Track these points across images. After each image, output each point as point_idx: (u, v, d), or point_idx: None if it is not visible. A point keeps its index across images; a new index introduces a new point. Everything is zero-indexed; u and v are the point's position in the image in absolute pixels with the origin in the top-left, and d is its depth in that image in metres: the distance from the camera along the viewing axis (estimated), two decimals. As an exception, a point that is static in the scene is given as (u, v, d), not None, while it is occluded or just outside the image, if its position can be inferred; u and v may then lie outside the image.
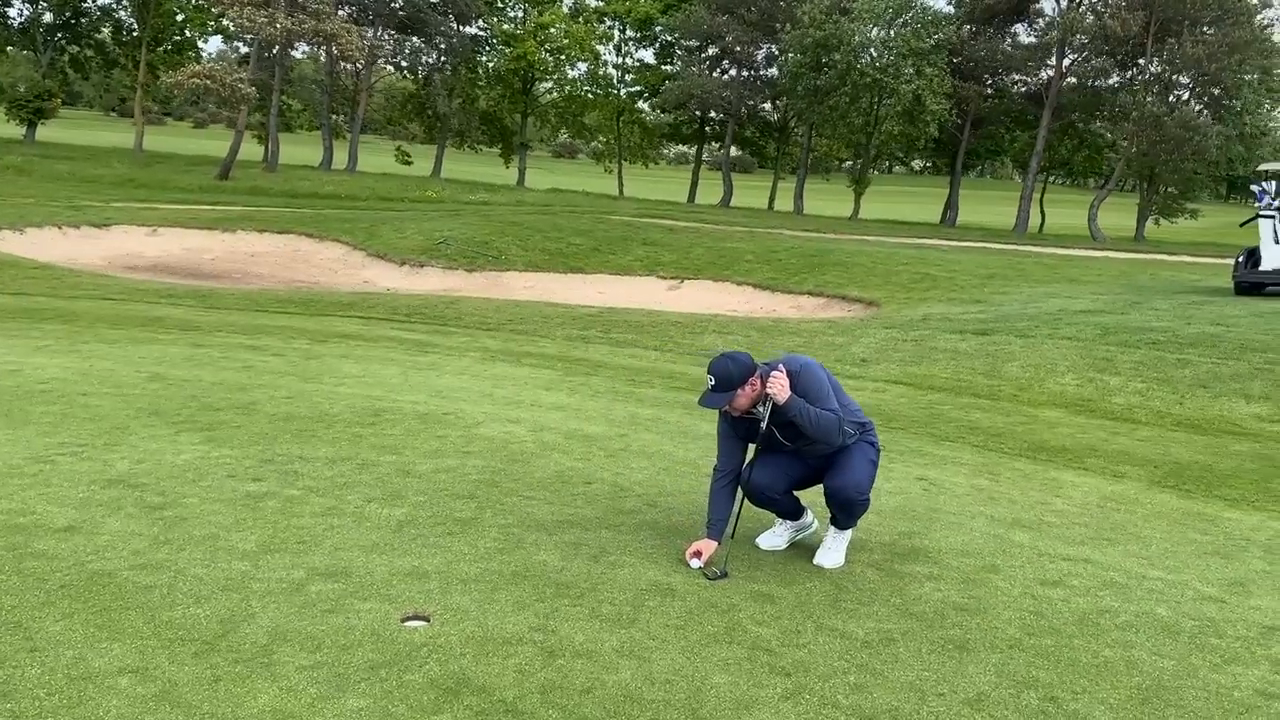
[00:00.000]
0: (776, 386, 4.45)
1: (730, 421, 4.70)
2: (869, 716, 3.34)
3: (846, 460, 4.66)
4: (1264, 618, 4.41)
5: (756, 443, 4.72)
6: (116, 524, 4.67)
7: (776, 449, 4.70)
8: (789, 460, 4.75)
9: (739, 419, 4.68)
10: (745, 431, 4.71)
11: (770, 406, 4.54)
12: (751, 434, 4.71)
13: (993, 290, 18.90)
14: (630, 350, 11.16)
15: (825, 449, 4.67)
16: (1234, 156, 36.80)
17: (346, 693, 3.28)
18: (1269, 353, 10.79)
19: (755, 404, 4.57)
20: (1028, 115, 48.55)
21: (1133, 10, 36.11)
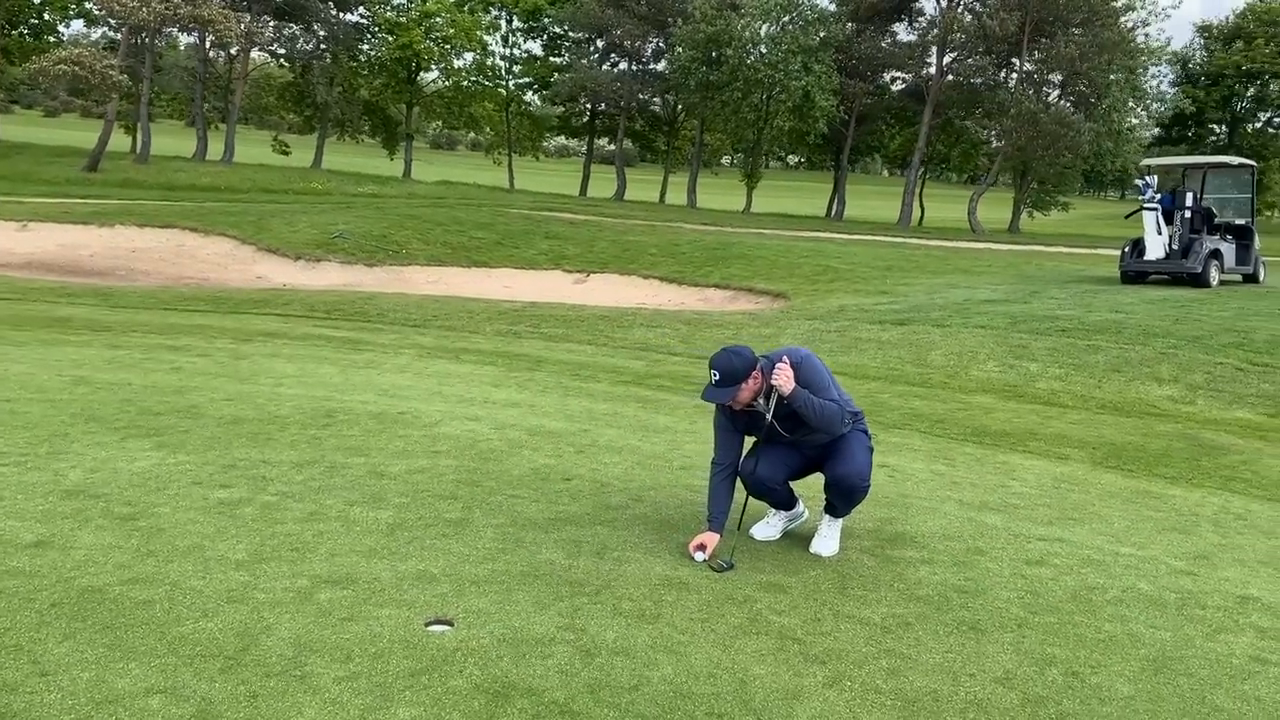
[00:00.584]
0: (783, 378, 4.49)
1: (729, 415, 4.73)
2: (911, 699, 3.42)
3: (846, 449, 4.74)
4: (1235, 588, 4.69)
5: (757, 435, 4.76)
6: (90, 537, 4.40)
7: (775, 440, 4.75)
8: (787, 451, 4.81)
9: (738, 412, 4.70)
10: (745, 424, 4.75)
11: (775, 399, 4.58)
12: (751, 427, 4.74)
13: (894, 281, 19.48)
14: (565, 345, 11.09)
15: (823, 439, 4.74)
16: (1103, 152, 38.79)
17: (394, 702, 3.18)
18: (1169, 338, 11.45)
19: (757, 397, 4.61)
20: (908, 112, 50.20)
21: (1010, 11, 37.66)
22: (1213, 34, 52.03)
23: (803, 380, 4.54)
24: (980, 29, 38.12)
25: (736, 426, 4.75)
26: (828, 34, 41.58)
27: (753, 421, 4.72)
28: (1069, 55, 36.37)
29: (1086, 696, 3.50)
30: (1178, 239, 17.59)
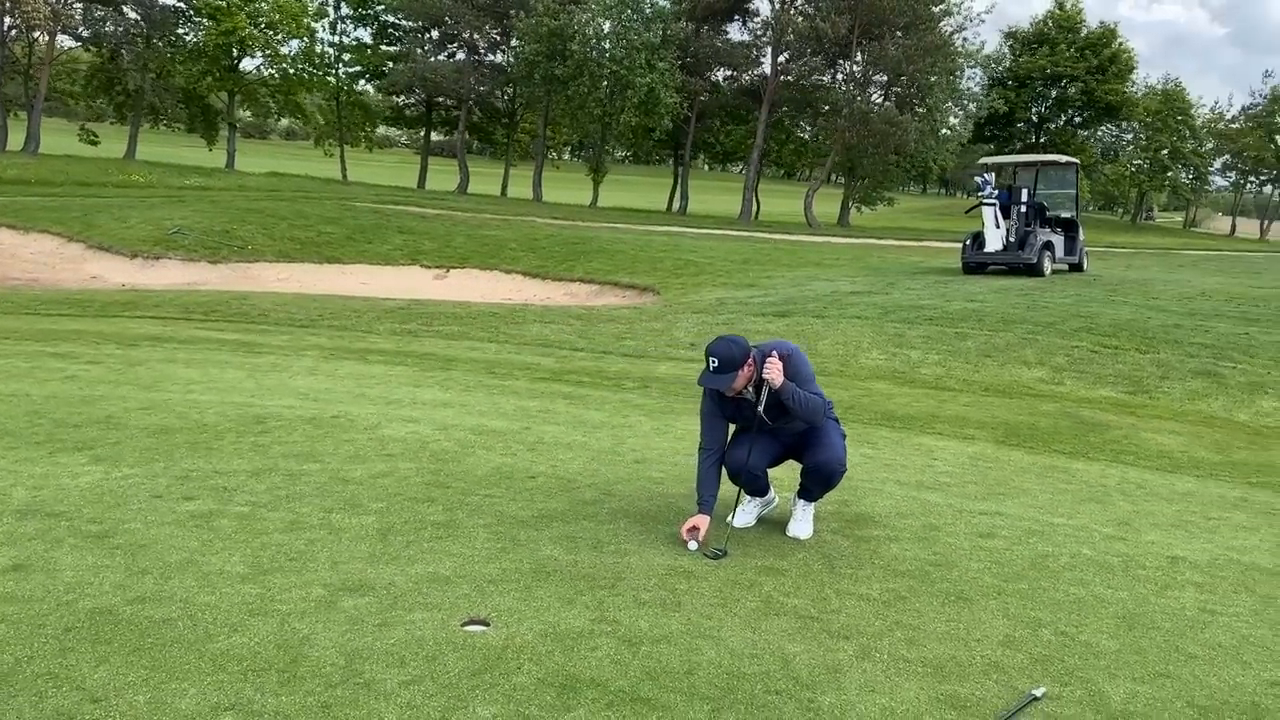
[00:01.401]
0: (774, 372, 4.71)
1: (717, 402, 4.89)
2: (937, 666, 3.70)
3: (825, 438, 5.00)
4: (1162, 550, 5.23)
5: (741, 423, 4.96)
6: (70, 558, 4.18)
7: (760, 428, 4.96)
8: (769, 440, 5.03)
9: (726, 400, 4.89)
10: (732, 412, 4.93)
11: (766, 390, 4.80)
12: (738, 414, 4.93)
13: (755, 274, 20.13)
14: (466, 343, 10.99)
15: (802, 427, 4.99)
16: (925, 150, 41.13)
17: (468, 702, 3.21)
18: (1026, 324, 12.39)
19: (747, 385, 4.81)
20: (743, 110, 51.69)
21: (840, 14, 39.37)
22: (1018, 39, 55.99)
23: (790, 373, 4.77)
24: (813, 30, 39.67)
25: (724, 413, 4.92)
26: (668, 32, 42.28)
27: (739, 410, 4.92)
28: (895, 58, 38.39)
29: (1082, 653, 3.87)
30: (1014, 232, 18.96)
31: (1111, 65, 54.46)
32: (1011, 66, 53.92)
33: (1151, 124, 61.91)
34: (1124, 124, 60.74)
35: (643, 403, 8.20)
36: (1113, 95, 55.05)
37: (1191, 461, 7.45)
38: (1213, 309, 14.96)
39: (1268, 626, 4.26)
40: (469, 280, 24.20)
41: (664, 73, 41.23)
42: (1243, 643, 4.06)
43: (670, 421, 7.56)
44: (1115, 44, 54.94)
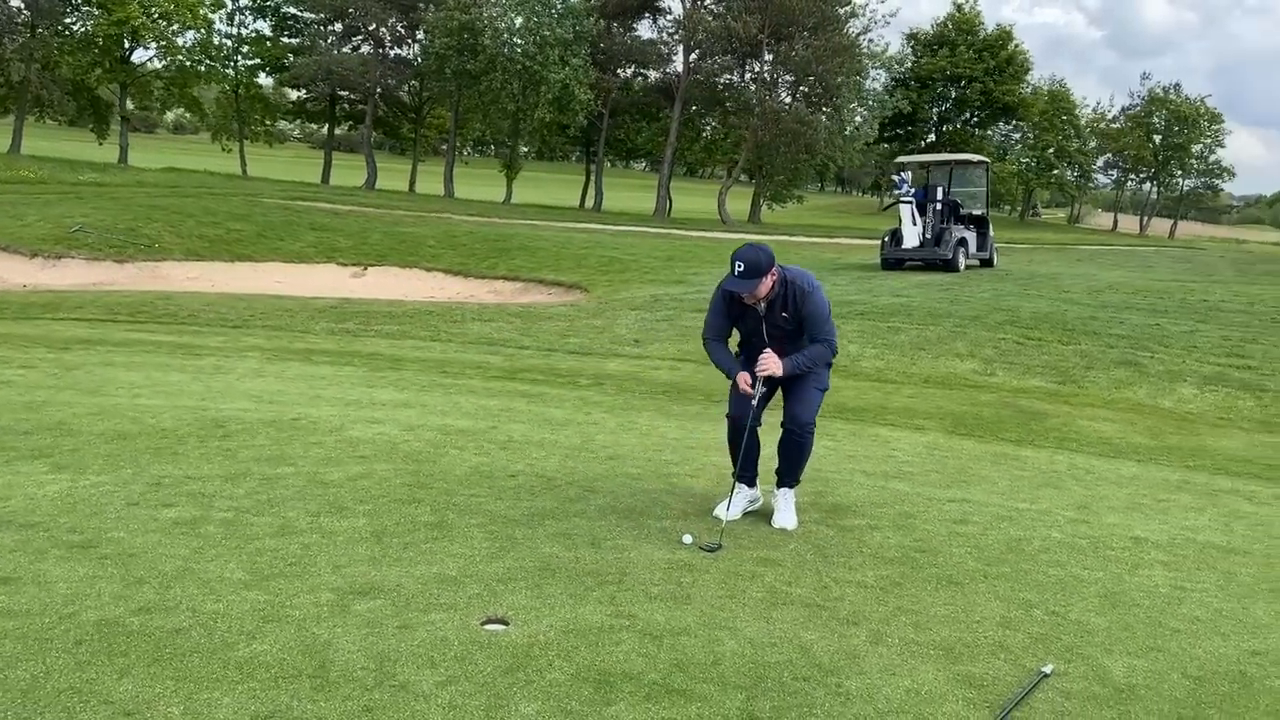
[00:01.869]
0: (771, 366, 4.82)
1: (727, 302, 4.99)
2: (949, 648, 3.83)
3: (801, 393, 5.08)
4: (1125, 531, 5.51)
5: (746, 329, 5.07)
6: (60, 569, 4.03)
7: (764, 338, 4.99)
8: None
9: (735, 303, 4.95)
10: (739, 314, 5.02)
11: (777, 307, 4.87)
12: (743, 318, 5.01)
13: (682, 271, 20.30)
14: (409, 342, 10.83)
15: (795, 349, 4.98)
16: (834, 149, 42.00)
17: (510, 699, 3.21)
18: (952, 318, 12.80)
19: (766, 297, 4.85)
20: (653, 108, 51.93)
21: (751, 13, 39.89)
22: (919, 41, 57.61)
23: (809, 309, 4.88)
24: (725, 29, 40.11)
25: (730, 314, 5.03)
26: (581, 28, 42.22)
27: (745, 315, 4.99)
28: (805, 58, 39.09)
29: (1076, 631, 4.06)
30: (930, 229, 19.55)
31: (1008, 66, 56.50)
32: (913, 67, 55.44)
33: (1039, 124, 64.46)
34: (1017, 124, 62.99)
35: (601, 400, 8.23)
36: (1009, 96, 57.12)
37: (1130, 447, 7.83)
38: (1122, 301, 15.68)
39: (1235, 600, 4.53)
40: (388, 278, 23.83)
41: (577, 69, 41.17)
42: (1217, 616, 4.31)
43: (633, 418, 7.61)
44: (1011, 46, 56.99)
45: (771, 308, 4.90)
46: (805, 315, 4.88)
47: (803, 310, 4.88)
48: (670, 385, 9.06)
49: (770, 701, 3.31)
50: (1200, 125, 70.88)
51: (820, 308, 4.91)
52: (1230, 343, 12.57)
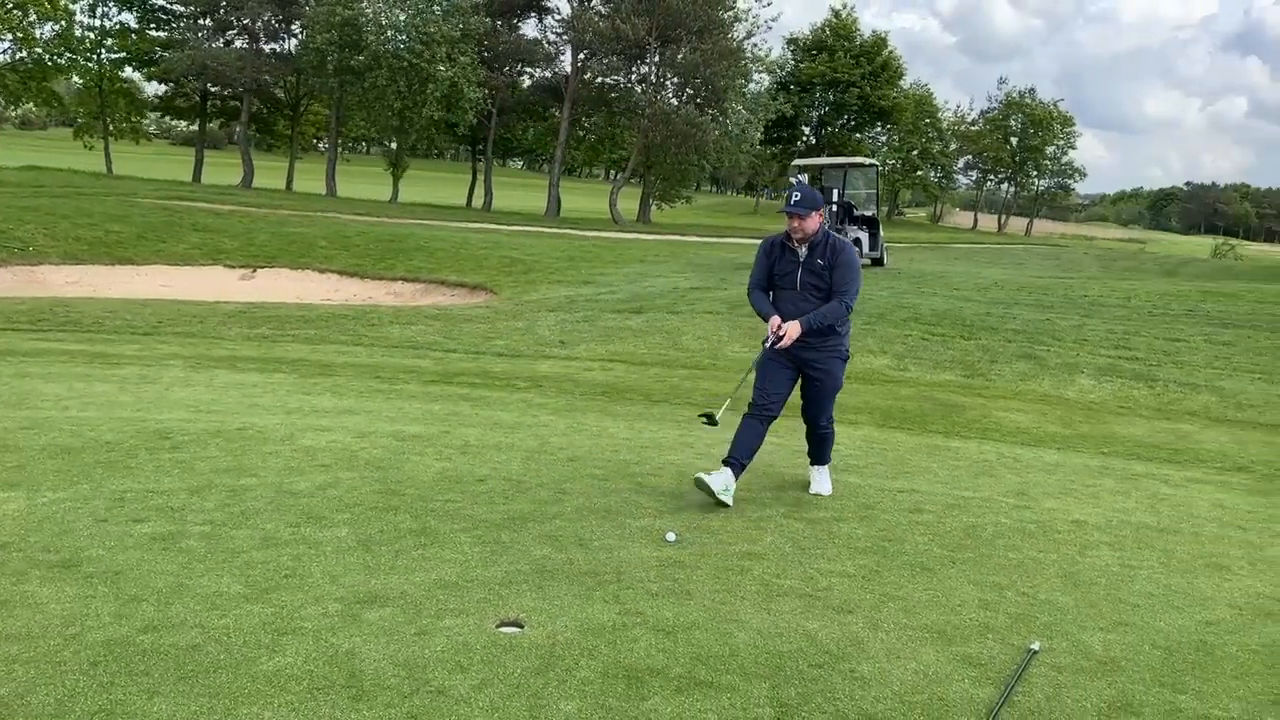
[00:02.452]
0: (790, 334, 5.38)
1: (768, 253, 5.60)
2: (941, 631, 4.05)
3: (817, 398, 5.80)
4: (1064, 515, 5.87)
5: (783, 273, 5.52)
6: (48, 590, 3.89)
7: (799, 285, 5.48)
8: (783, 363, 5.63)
9: (777, 251, 5.55)
10: (778, 258, 5.55)
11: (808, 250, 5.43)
12: (781, 262, 5.54)
13: (588, 272, 20.37)
14: (333, 347, 10.60)
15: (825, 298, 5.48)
16: (721, 150, 42.70)
17: (549, 700, 3.27)
18: (860, 316, 13.26)
19: (807, 240, 5.41)
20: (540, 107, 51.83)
21: (640, 15, 40.20)
22: (799, 45, 59.07)
23: (843, 261, 5.43)
24: (614, 30, 40.31)
25: (771, 262, 5.58)
26: (468, 26, 41.78)
27: (784, 258, 5.52)
28: (693, 61, 39.64)
29: (1049, 610, 4.34)
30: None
31: (884, 71, 58.49)
32: (794, 72, 56.80)
33: (904, 126, 67.02)
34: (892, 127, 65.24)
35: (544, 402, 8.27)
36: (885, 100, 59.13)
37: (1047, 436, 8.32)
38: (1010, 298, 16.50)
39: (1179, 575, 4.91)
40: (279, 280, 23.14)
41: (466, 67, 40.73)
42: (1167, 591, 4.67)
43: (579, 420, 7.68)
44: (886, 52, 59.01)
45: (812, 251, 5.43)
46: (841, 262, 5.40)
47: (840, 257, 5.41)
48: (607, 386, 9.16)
49: (794, 689, 3.46)
50: (1053, 128, 75.12)
51: (855, 258, 5.48)
52: (1116, 336, 13.41)
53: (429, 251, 24.68)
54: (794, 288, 5.49)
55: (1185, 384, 10.87)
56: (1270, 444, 8.55)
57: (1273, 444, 8.56)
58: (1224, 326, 14.35)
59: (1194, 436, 8.65)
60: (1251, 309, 15.95)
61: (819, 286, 5.46)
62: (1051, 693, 3.54)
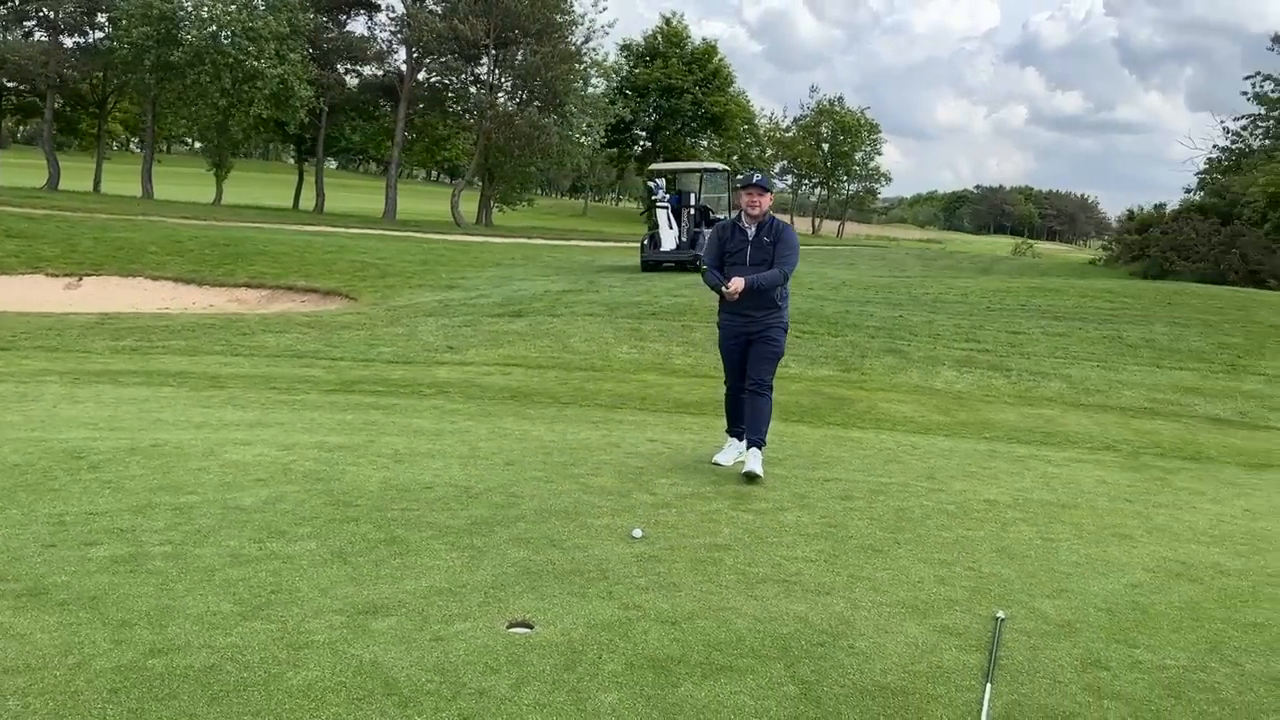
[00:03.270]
0: (736, 284, 6.21)
1: (720, 236, 6.55)
2: (915, 607, 4.33)
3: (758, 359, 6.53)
4: (975, 495, 6.33)
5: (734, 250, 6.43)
6: (26, 620, 3.68)
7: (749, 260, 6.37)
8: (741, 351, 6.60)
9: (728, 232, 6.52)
10: (729, 236, 6.50)
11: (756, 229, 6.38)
12: (732, 242, 6.45)
13: (448, 275, 20.13)
14: (211, 358, 10.10)
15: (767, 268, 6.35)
16: (564, 153, 42.89)
17: (590, 693, 3.36)
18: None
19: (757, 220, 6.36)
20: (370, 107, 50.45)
21: (478, 16, 39.83)
22: (633, 51, 59.94)
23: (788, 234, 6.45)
24: (451, 30, 39.80)
25: (723, 241, 6.50)
26: (296, 21, 40.31)
27: (734, 238, 6.45)
28: (534, 64, 39.65)
29: (996, 582, 4.72)
30: (686, 232, 20.66)
31: (715, 79, 60.10)
32: (629, 77, 57.61)
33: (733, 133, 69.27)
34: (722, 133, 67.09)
35: (456, 408, 8.22)
36: (717, 106, 60.78)
37: (933, 424, 8.90)
38: (861, 297, 17.40)
39: (1094, 545, 5.43)
40: (109, 289, 21.81)
41: (295, 64, 39.28)
42: (1089, 560, 5.16)
43: (499, 424, 7.69)
44: (716, 59, 60.67)
45: (760, 230, 6.37)
46: (783, 239, 6.34)
47: (782, 235, 6.37)
48: (513, 390, 9.18)
49: (806, 667, 3.67)
50: (861, 134, 79.74)
51: (795, 238, 6.49)
52: (964, 330, 14.40)
53: (271, 256, 23.78)
54: (744, 263, 6.36)
55: (1035, 373, 11.83)
56: (1123, 425, 9.46)
57: (1126, 425, 9.47)
58: (1056, 319, 15.65)
59: (1058, 420, 9.46)
60: (1076, 303, 17.42)
61: (766, 260, 6.33)
62: (1029, 654, 3.89)
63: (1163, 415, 10.12)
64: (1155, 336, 14.63)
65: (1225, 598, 4.69)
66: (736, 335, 6.58)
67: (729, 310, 6.55)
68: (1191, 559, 5.28)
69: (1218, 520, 6.17)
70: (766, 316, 6.49)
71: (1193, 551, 5.43)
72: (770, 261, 6.34)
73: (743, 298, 6.32)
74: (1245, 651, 4.03)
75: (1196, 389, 11.38)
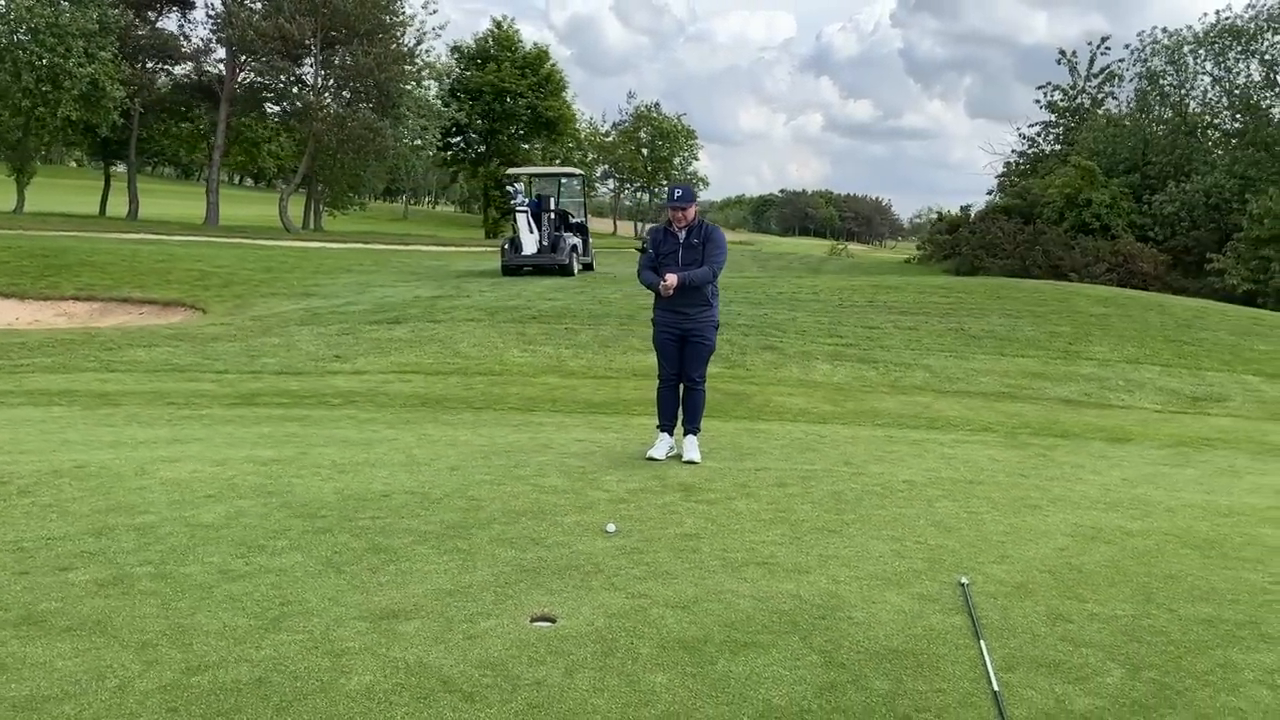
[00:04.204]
0: (670, 279, 6.63)
1: (656, 239, 6.92)
2: (890, 579, 4.67)
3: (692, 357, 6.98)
4: (894, 477, 6.81)
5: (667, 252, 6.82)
6: (38, 649, 3.56)
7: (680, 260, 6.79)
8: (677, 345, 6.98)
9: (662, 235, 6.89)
10: (662, 240, 6.88)
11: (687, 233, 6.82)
12: (665, 244, 6.84)
13: (301, 283, 19.51)
14: (89, 375, 9.49)
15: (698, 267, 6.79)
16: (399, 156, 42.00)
17: (638, 674, 3.54)
18: (611, 318, 13.99)
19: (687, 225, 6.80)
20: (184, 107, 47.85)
21: (305, 15, 38.51)
22: (464, 54, 59.22)
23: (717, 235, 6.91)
24: (277, 30, 38.33)
25: (655, 241, 6.90)
26: (106, 18, 37.84)
27: (666, 242, 6.83)
28: (366, 65, 38.68)
29: (945, 553, 5.14)
30: (546, 236, 20.75)
31: (548, 83, 60.20)
32: (462, 80, 56.92)
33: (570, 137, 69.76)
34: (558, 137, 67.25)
35: (371, 417, 8.12)
36: (552, 111, 60.92)
37: (828, 414, 9.44)
38: (724, 297, 18.00)
39: (1011, 516, 5.98)
40: (-86, 306, 19.99)
41: (106, 63, 36.86)
42: (1014, 529, 5.69)
43: (424, 431, 7.68)
44: (549, 65, 60.79)
45: (690, 234, 6.80)
46: (712, 240, 6.79)
47: (711, 236, 6.81)
48: (420, 397, 9.12)
49: (820, 638, 3.96)
50: (679, 140, 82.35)
51: (723, 239, 6.93)
52: (825, 326, 15.19)
53: (98, 267, 22.34)
54: (677, 263, 6.78)
55: (899, 364, 12.66)
56: (989, 408, 10.30)
57: (991, 408, 10.31)
58: (903, 314, 16.69)
59: (933, 406, 10.21)
60: (916, 299, 18.61)
61: (696, 260, 6.79)
62: (1001, 613, 4.32)
63: (1020, 399, 11.07)
64: (994, 328, 15.86)
65: (1139, 555, 5.30)
66: (671, 330, 6.98)
67: (664, 307, 6.92)
68: (1099, 524, 5.90)
69: (1105, 489, 6.89)
70: (699, 314, 6.93)
71: (1096, 517, 6.07)
72: (699, 262, 6.78)
73: (676, 294, 6.74)
74: (1174, 599, 4.59)
75: (1042, 374, 12.47)
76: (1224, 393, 11.80)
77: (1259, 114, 45.39)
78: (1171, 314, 17.71)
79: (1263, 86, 45.49)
